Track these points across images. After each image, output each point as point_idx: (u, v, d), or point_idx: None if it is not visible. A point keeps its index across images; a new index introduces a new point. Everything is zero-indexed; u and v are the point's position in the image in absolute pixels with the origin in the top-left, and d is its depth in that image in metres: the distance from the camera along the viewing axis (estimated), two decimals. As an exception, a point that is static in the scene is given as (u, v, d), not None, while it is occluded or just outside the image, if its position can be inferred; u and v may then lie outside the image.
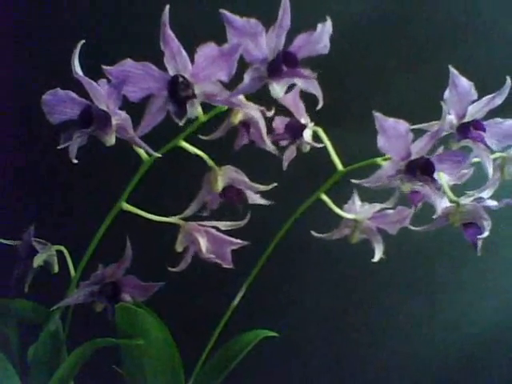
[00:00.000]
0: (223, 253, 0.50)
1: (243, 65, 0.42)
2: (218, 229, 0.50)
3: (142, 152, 0.48)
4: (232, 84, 0.42)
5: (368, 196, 0.55)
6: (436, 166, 0.45)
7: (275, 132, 0.55)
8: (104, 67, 0.41)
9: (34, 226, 0.52)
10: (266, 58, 0.42)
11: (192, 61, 0.41)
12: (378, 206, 0.55)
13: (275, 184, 0.49)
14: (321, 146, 0.54)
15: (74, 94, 0.44)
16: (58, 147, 0.42)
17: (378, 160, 0.49)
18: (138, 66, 0.41)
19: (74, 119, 0.45)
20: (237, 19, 0.40)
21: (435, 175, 0.46)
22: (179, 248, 0.49)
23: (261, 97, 0.45)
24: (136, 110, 0.44)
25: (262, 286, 0.56)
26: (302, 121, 0.55)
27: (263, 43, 0.41)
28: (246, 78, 0.42)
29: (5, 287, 0.52)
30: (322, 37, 0.42)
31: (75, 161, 0.44)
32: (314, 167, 0.59)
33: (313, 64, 0.42)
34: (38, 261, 0.50)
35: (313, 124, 0.55)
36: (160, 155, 0.45)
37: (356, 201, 0.56)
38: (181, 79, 0.41)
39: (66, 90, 0.43)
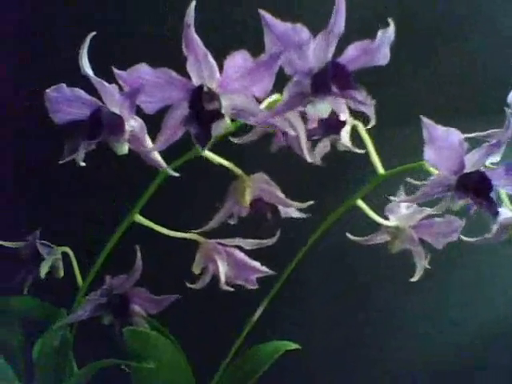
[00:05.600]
0: (245, 279, 0.44)
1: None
2: (241, 248, 0.45)
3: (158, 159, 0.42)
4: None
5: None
6: (494, 181, 0.38)
7: (308, 125, 0.48)
8: (116, 71, 0.34)
9: (41, 228, 0.48)
10: (311, 70, 0.34)
11: (221, 69, 0.34)
12: (426, 212, 0.47)
13: (311, 202, 0.43)
14: (360, 151, 0.47)
15: (81, 92, 0.38)
16: (60, 162, 0.36)
17: (425, 164, 0.41)
18: (156, 72, 0.33)
19: (81, 120, 0.39)
20: (279, 24, 0.32)
21: (492, 194, 0.38)
22: (196, 270, 0.43)
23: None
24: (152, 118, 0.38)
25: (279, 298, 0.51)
26: (341, 117, 0.47)
27: (309, 53, 0.34)
28: (286, 94, 0.34)
29: (6, 289, 0.48)
30: (383, 45, 0.34)
31: (83, 164, 0.38)
32: (346, 168, 0.53)
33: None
34: (44, 268, 0.46)
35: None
36: (177, 174, 0.38)
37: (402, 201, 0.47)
38: (206, 89, 0.34)
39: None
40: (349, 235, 0.49)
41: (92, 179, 0.58)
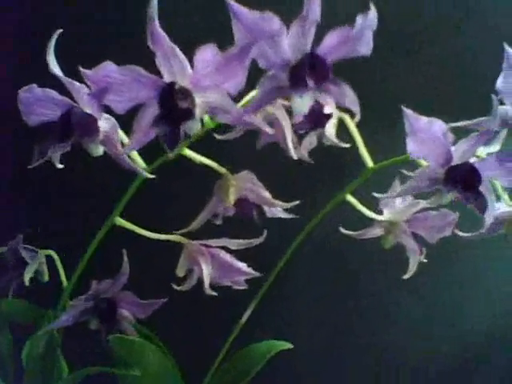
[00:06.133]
0: (232, 281, 0.42)
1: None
2: (227, 249, 0.43)
3: (138, 159, 0.40)
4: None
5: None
6: (484, 173, 0.36)
7: (293, 119, 0.46)
8: (82, 70, 0.33)
9: (24, 231, 0.46)
10: (286, 62, 0.32)
11: (192, 65, 0.32)
12: (420, 204, 0.45)
13: (297, 202, 0.41)
14: (345, 145, 0.45)
15: (53, 93, 0.36)
16: (29, 166, 0.35)
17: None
18: (123, 70, 0.31)
19: (54, 122, 0.37)
20: (247, 12, 0.30)
21: (482, 187, 0.36)
22: (180, 272, 0.42)
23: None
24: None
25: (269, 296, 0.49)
26: (326, 110, 0.45)
27: (283, 43, 0.31)
28: (260, 89, 0.32)
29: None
30: (364, 33, 0.32)
31: (60, 166, 0.37)
32: (334, 162, 0.50)
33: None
34: (28, 275, 0.44)
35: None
36: (153, 176, 0.37)
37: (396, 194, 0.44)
38: (178, 86, 0.32)
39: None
40: (342, 229, 0.47)
41: (79, 180, 0.57)
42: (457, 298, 0.69)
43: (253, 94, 0.35)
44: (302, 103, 0.32)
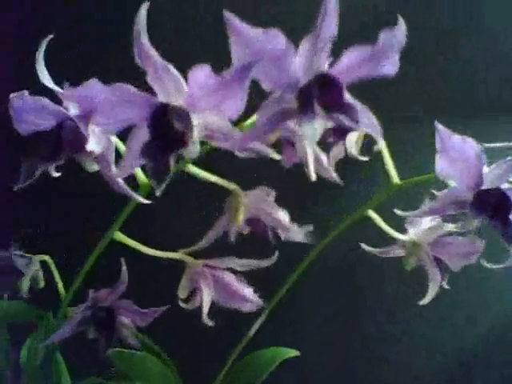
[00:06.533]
0: (236, 306, 0.39)
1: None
2: (233, 271, 0.39)
3: (139, 173, 0.37)
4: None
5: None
6: None
7: None
8: (64, 91, 0.29)
9: (21, 236, 0.45)
10: (295, 83, 0.28)
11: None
12: (448, 227, 0.41)
13: (311, 228, 0.37)
14: (364, 159, 0.41)
15: (45, 101, 0.33)
16: (15, 188, 0.32)
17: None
18: (111, 90, 0.28)
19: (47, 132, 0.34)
20: (248, 29, 0.26)
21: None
22: (182, 294, 0.38)
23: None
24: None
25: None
26: None
27: (291, 63, 0.27)
28: (262, 114, 0.28)
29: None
30: (389, 50, 0.27)
31: (56, 174, 0.35)
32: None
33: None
34: (25, 285, 0.43)
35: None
36: (148, 202, 0.33)
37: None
38: (172, 106, 0.28)
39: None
40: (363, 245, 0.44)
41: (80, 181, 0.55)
42: (470, 307, 0.65)
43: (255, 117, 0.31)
44: (311, 130, 0.28)
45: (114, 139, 0.34)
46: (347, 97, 0.27)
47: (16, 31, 0.60)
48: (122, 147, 0.34)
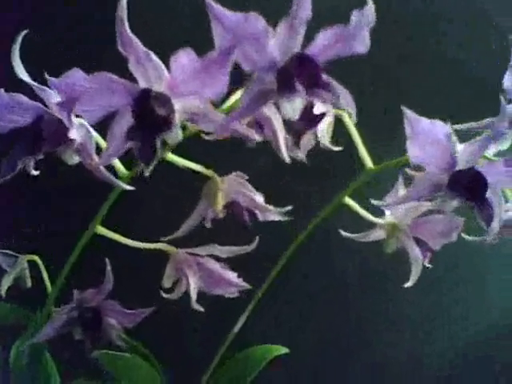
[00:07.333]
0: (221, 291, 0.40)
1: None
2: (217, 258, 0.40)
3: (118, 165, 0.37)
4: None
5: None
6: (492, 178, 0.33)
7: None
8: (48, 78, 0.30)
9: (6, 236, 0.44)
10: (273, 64, 0.29)
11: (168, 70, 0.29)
12: (424, 206, 0.42)
13: (290, 207, 0.38)
14: (338, 148, 0.42)
15: (22, 98, 0.33)
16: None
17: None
18: (92, 78, 0.28)
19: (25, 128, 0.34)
20: (229, 14, 0.27)
21: (490, 192, 0.33)
22: (167, 284, 0.39)
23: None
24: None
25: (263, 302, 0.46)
26: (317, 110, 0.41)
27: (269, 45, 0.28)
28: (245, 95, 0.29)
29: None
30: (360, 29, 0.29)
31: (35, 172, 0.35)
32: (331, 163, 0.47)
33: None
34: (5, 285, 0.42)
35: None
36: (132, 188, 0.34)
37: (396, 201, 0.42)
38: (154, 92, 0.29)
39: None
40: (342, 232, 0.44)
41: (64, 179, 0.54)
42: (458, 299, 0.67)
43: (236, 96, 0.32)
44: (292, 108, 0.29)
45: (94, 133, 0.35)
46: (324, 75, 0.29)
47: (16, 31, 0.60)
48: (101, 142, 0.35)
